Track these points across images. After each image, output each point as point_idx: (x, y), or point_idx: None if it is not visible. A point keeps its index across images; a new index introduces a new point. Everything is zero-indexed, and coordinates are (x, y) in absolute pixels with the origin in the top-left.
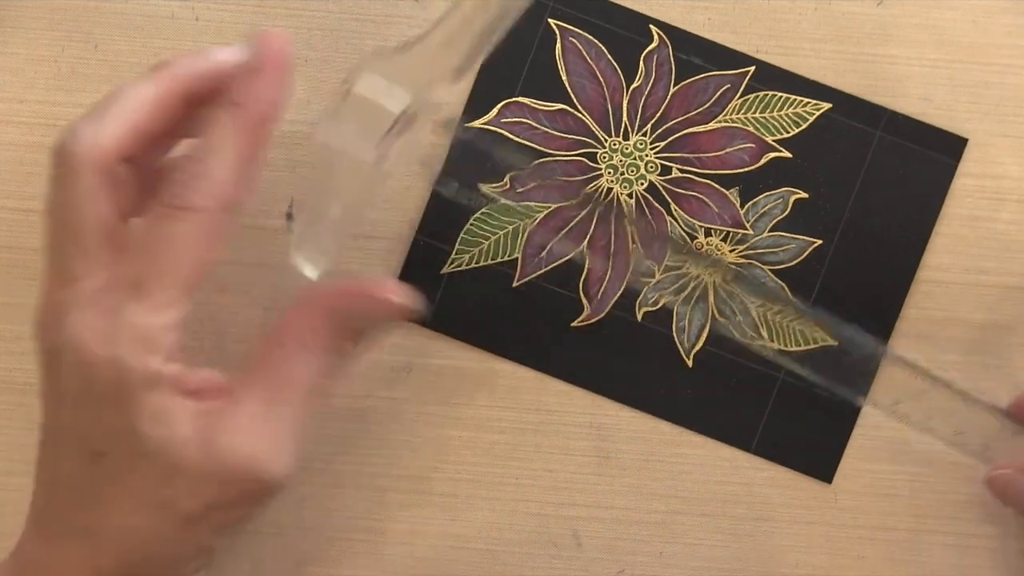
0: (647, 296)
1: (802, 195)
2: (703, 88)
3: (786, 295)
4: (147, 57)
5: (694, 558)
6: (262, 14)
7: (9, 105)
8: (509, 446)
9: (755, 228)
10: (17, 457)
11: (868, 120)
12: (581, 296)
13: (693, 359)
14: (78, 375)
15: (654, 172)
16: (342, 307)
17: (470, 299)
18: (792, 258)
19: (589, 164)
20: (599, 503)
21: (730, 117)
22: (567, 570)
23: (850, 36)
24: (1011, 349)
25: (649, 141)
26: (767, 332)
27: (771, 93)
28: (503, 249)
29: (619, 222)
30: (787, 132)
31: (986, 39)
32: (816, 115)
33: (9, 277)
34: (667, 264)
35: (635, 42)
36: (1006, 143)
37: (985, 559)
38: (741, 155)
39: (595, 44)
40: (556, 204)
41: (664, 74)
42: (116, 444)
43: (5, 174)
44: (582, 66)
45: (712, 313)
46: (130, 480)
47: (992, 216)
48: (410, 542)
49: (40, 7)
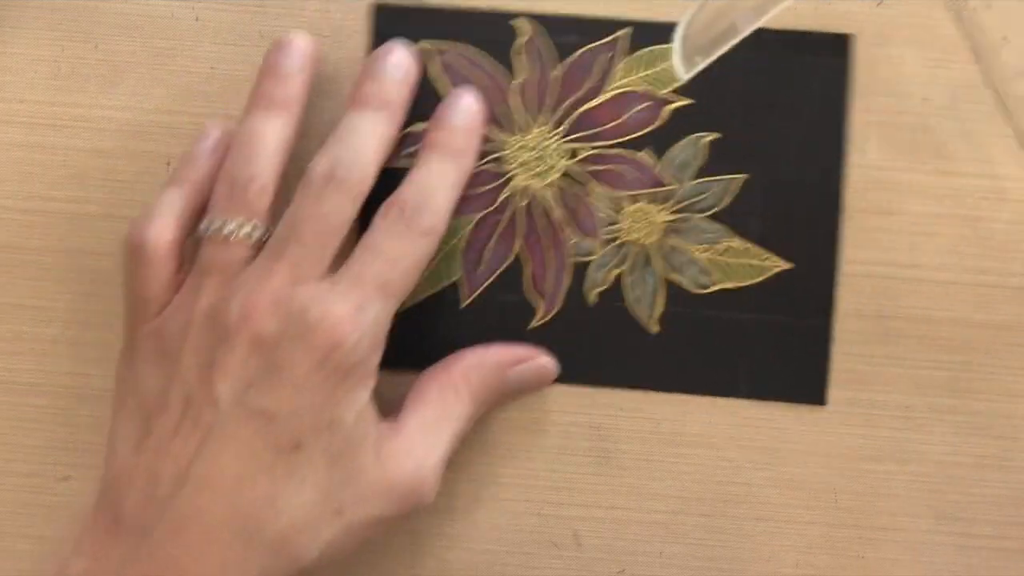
0: (594, 277)
1: (712, 136)
2: (586, 63)
3: (726, 232)
4: (147, 57)
5: (694, 558)
6: (262, 14)
7: (9, 105)
8: (509, 446)
9: (678, 181)
10: (16, 457)
11: (756, 44)
12: (531, 297)
13: (657, 323)
14: (314, 365)
15: (563, 158)
16: (511, 372)
17: (426, 331)
18: (721, 198)
19: (498, 170)
20: (599, 503)
21: (620, 83)
22: (567, 570)
23: (850, 36)
24: (1010, 349)
25: (549, 130)
26: (720, 275)
27: (652, 48)
28: (442, 274)
29: (544, 215)
30: (680, 79)
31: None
32: None
33: (9, 277)
34: (603, 239)
35: (508, 40)
36: (1006, 143)
37: (985, 559)
38: (642, 116)
39: (470, 53)
40: (478, 214)
41: (544, 61)
42: (318, 438)
43: (5, 174)
44: (463, 78)
45: (661, 273)
46: (316, 479)
47: (992, 216)
48: (410, 542)
49: (40, 7)
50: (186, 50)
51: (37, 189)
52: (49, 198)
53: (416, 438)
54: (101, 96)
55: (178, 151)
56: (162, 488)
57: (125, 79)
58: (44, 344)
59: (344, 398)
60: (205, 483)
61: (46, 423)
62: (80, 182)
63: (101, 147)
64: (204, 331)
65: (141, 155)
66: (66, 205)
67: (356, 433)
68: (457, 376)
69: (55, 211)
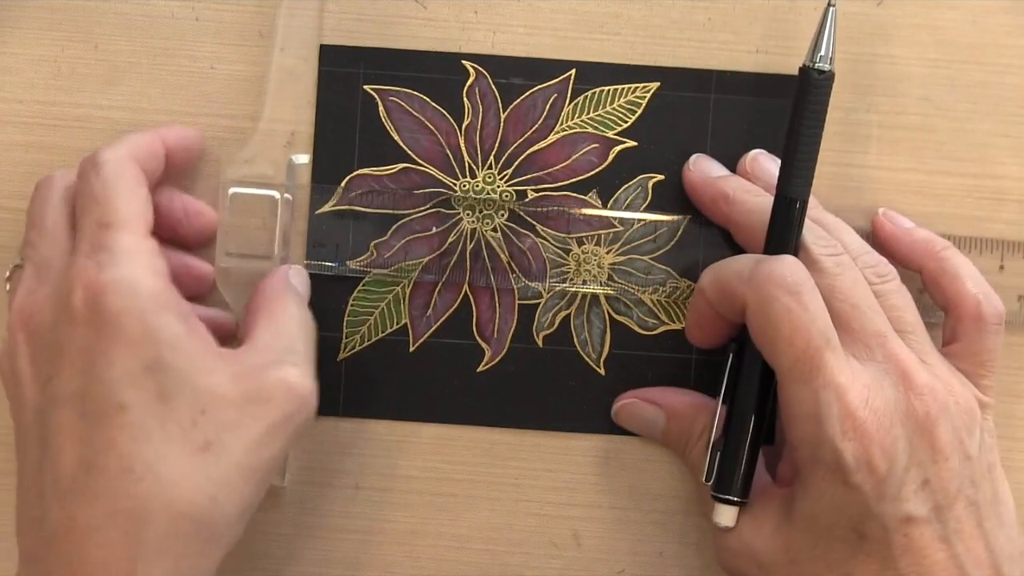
0: (541, 320)
1: (658, 177)
2: (532, 105)
3: (671, 274)
4: (147, 57)
5: (694, 558)
6: (261, 14)
7: (9, 105)
8: (509, 446)
9: (624, 224)
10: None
11: (699, 87)
12: (479, 340)
13: (604, 366)
14: (85, 329)
15: (510, 200)
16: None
17: (375, 377)
18: (669, 240)
19: (446, 213)
20: (599, 503)
21: (567, 124)
22: (567, 570)
23: (850, 36)
24: (1010, 349)
25: (497, 172)
26: (666, 316)
27: (598, 89)
28: (390, 319)
29: (492, 258)
30: (625, 122)
31: (986, 39)
32: (648, 97)
33: None
34: (550, 283)
35: (453, 82)
36: (1006, 143)
37: None
38: (588, 158)
39: (416, 96)
40: (426, 258)
41: (490, 103)
42: (139, 389)
43: (5, 174)
44: (410, 121)
45: (608, 315)
46: (162, 427)
47: (992, 216)
48: (410, 542)
49: (40, 7)
50: (186, 50)
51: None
52: None
53: (267, 345)
54: (101, 96)
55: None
56: (40, 507)
57: (125, 79)
58: None
59: (144, 336)
60: (68, 488)
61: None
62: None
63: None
64: (6, 349)
65: None
66: None
67: (183, 362)
68: (280, 273)
69: None
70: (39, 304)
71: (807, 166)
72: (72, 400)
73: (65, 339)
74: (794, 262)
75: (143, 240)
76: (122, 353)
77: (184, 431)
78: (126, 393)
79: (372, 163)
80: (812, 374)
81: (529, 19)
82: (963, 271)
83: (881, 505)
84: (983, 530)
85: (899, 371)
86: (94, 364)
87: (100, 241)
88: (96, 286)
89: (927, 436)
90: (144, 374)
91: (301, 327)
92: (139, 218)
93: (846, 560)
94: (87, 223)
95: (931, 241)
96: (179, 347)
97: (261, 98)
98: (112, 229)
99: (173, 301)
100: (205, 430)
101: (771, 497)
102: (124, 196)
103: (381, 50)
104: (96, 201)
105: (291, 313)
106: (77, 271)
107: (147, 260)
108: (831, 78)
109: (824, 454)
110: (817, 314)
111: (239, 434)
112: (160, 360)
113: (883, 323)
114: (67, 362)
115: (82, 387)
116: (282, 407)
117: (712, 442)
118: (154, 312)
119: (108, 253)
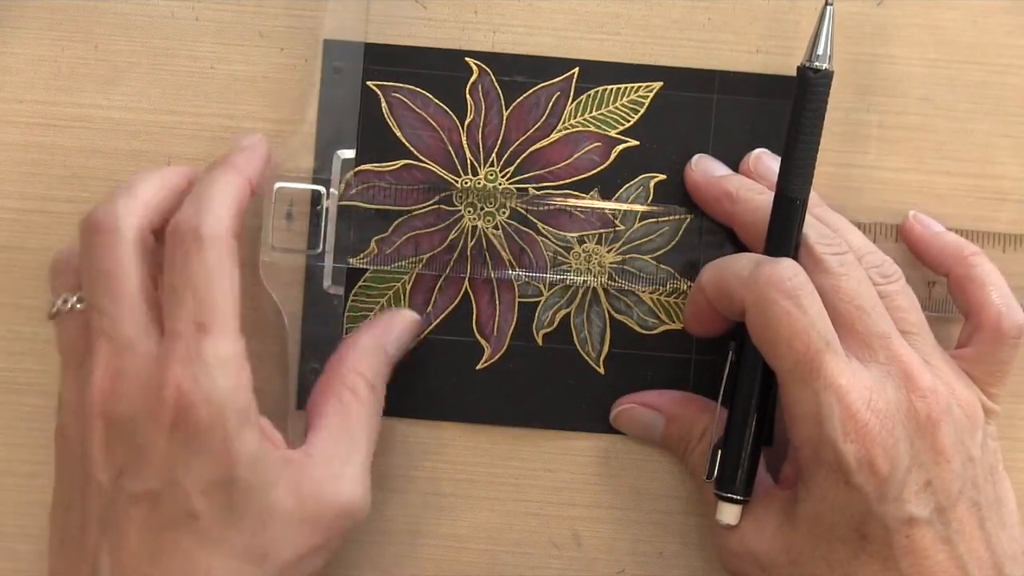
0: (541, 318)
1: (660, 177)
2: (534, 103)
3: (672, 274)
4: (147, 57)
5: (694, 558)
6: (261, 15)
7: (9, 105)
8: (509, 446)
9: (625, 222)
10: (16, 457)
11: (701, 87)
12: (478, 337)
13: (603, 365)
14: (169, 434)
15: (512, 198)
16: (388, 343)
17: None
18: (670, 240)
19: (447, 209)
20: (599, 503)
21: (569, 123)
22: (567, 570)
23: (850, 36)
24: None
25: (499, 170)
26: (666, 315)
27: (601, 88)
28: None
29: (493, 255)
30: (628, 121)
31: (986, 39)
32: (651, 96)
33: (9, 277)
34: (550, 280)
35: (456, 79)
36: (1006, 143)
37: None
38: (590, 156)
39: (419, 93)
40: (426, 255)
41: (493, 101)
42: (212, 500)
43: (5, 174)
44: (412, 117)
45: (609, 314)
46: (227, 538)
47: (992, 216)
48: (410, 542)
49: (40, 7)
50: (186, 50)
51: (37, 189)
52: (49, 198)
53: (329, 456)
54: (101, 96)
55: (178, 151)
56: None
57: (125, 79)
58: (44, 344)
59: (225, 452)
60: (120, 574)
61: (46, 423)
62: (80, 182)
63: (101, 147)
64: (76, 419)
65: (141, 155)
66: (66, 205)
67: (254, 478)
68: (347, 375)
69: (55, 211)
70: (121, 394)
71: (807, 165)
72: (147, 498)
73: (148, 440)
74: (792, 265)
75: (235, 345)
76: (202, 464)
77: (246, 543)
78: (200, 502)
79: (374, 159)
80: (812, 376)
81: (529, 19)
82: (990, 279)
83: (883, 506)
84: (985, 531)
85: (902, 372)
86: (174, 470)
87: (197, 349)
88: (188, 398)
89: (929, 437)
90: (218, 487)
91: (363, 430)
92: (235, 317)
93: (848, 561)
94: (183, 316)
95: (960, 246)
96: (253, 464)
97: (305, 96)
98: (210, 335)
99: (254, 416)
100: (263, 543)
101: (773, 498)
102: (224, 289)
103: (384, 46)
104: (194, 292)
105: (356, 415)
106: (169, 376)
107: (236, 374)
108: (829, 77)
109: (826, 455)
110: (816, 317)
111: (292, 547)
112: (235, 476)
113: (887, 324)
114: (146, 463)
115: (158, 489)
116: (335, 524)
117: (714, 441)
118: (237, 429)
119: (203, 365)
